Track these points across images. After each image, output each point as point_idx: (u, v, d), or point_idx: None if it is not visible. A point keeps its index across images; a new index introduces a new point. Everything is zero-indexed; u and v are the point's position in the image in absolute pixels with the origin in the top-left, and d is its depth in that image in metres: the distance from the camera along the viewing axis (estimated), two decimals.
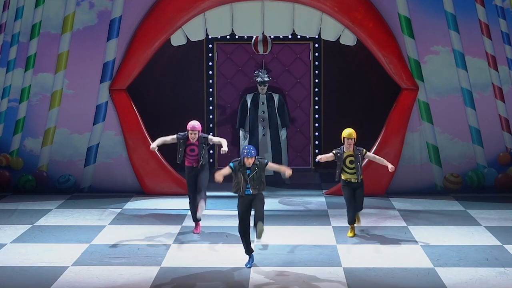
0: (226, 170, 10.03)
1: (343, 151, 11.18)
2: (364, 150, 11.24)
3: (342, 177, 11.23)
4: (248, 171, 9.93)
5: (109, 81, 14.04)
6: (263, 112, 15.07)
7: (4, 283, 9.16)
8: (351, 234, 11.32)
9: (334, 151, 11.23)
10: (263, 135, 15.01)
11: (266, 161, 10.20)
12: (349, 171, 11.17)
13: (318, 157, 11.26)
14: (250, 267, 9.80)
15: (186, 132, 11.39)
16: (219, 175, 9.95)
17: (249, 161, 9.94)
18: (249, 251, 9.99)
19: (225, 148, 11.24)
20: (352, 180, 11.19)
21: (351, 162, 11.15)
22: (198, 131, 11.37)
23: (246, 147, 10.07)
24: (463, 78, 13.99)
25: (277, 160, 14.87)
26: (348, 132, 11.20)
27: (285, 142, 15.20)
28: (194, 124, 11.40)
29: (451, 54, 13.96)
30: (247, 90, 15.98)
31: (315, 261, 10.03)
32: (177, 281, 9.26)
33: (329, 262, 9.98)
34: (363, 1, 13.83)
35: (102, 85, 14.06)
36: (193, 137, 11.33)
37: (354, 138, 11.17)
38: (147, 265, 9.85)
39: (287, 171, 10.43)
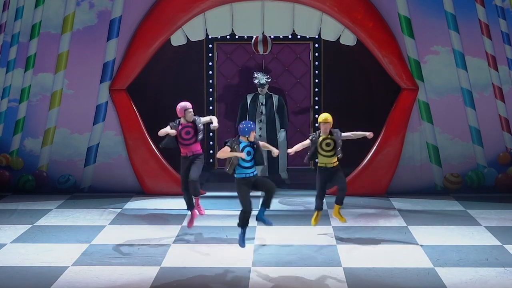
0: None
1: (319, 135, 11.11)
2: (339, 131, 11.13)
3: (319, 163, 11.13)
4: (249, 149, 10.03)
5: (109, 81, 14.04)
6: (261, 112, 15.06)
7: (4, 283, 9.15)
8: (315, 223, 11.27)
9: (310, 137, 11.15)
10: (260, 135, 15.00)
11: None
12: (325, 153, 11.03)
13: (289, 150, 11.14)
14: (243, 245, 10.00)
15: (178, 120, 11.32)
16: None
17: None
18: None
19: (215, 123, 11.27)
20: (329, 165, 11.06)
21: (327, 144, 11.02)
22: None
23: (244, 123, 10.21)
24: (463, 78, 13.98)
25: (273, 161, 14.85)
26: (323, 117, 11.10)
27: (284, 143, 15.13)
28: (186, 103, 11.36)
29: (451, 54, 13.96)
30: (248, 90, 15.98)
31: (315, 261, 10.03)
32: (177, 281, 9.26)
33: (329, 262, 9.97)
34: (363, 1, 13.83)
35: (102, 85, 14.06)
36: (190, 117, 11.28)
37: (330, 123, 11.07)
38: (147, 265, 9.85)
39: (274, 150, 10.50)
